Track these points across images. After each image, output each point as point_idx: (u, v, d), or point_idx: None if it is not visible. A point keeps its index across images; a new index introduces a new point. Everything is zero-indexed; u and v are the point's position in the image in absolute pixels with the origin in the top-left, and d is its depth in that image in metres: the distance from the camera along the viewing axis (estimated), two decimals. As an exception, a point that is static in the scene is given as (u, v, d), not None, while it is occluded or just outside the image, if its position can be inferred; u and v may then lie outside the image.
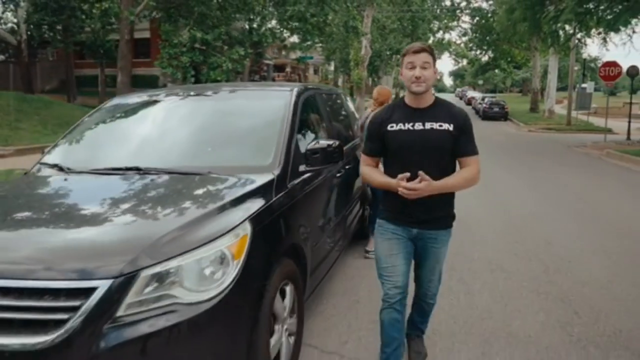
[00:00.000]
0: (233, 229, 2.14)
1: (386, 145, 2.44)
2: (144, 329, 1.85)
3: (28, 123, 13.17)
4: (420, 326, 2.87)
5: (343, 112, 4.96)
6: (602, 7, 16.33)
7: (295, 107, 3.22)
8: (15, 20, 26.12)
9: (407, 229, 2.48)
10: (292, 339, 2.67)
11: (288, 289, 2.58)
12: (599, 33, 20.05)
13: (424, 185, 2.26)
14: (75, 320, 1.81)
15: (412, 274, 2.62)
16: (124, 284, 1.87)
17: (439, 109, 2.41)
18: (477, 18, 39.61)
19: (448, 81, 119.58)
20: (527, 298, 3.74)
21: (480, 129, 22.02)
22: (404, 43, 39.27)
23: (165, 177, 2.65)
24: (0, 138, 11.34)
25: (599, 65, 23.56)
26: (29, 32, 25.19)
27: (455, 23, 43.04)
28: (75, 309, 1.82)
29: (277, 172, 2.72)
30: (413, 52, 2.34)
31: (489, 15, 36.32)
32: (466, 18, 41.54)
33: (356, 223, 4.64)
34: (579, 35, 21.80)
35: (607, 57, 24.22)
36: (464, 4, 39.87)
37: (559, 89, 37.03)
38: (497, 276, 4.21)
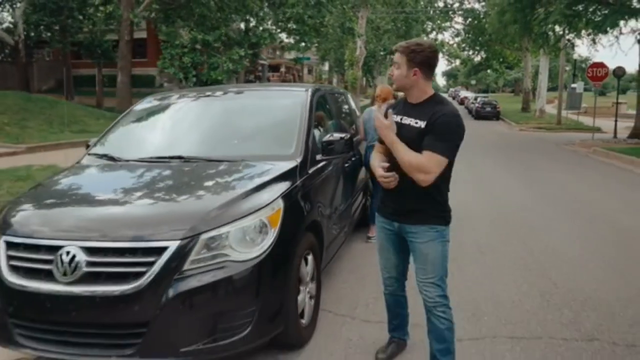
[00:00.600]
0: (270, 203, 2.63)
1: None
2: (204, 279, 2.34)
3: (34, 122, 13.56)
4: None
5: (346, 110, 5.45)
6: (590, 10, 16.94)
7: (310, 104, 3.72)
8: (12, 20, 26.37)
9: (390, 221, 2.51)
10: (312, 301, 3.15)
11: (309, 258, 3.07)
12: (589, 34, 20.69)
13: (385, 122, 2.35)
14: (151, 273, 2.29)
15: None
16: (187, 244, 2.35)
17: (427, 107, 2.35)
18: (470, 19, 40.26)
19: (441, 81, 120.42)
20: (513, 274, 4.24)
21: (473, 128, 22.62)
22: (397, 43, 39.78)
23: (207, 163, 3.13)
24: (11, 136, 11.72)
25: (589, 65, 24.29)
26: (26, 32, 25.47)
27: (448, 24, 43.70)
28: (150, 264, 2.31)
29: (299, 159, 3.20)
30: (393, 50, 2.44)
31: (481, 16, 36.91)
32: (459, 19, 42.23)
33: (360, 211, 5.13)
34: (569, 37, 22.43)
35: (597, 58, 24.87)
36: (456, 5, 40.57)
37: (550, 89, 37.79)
38: (487, 257, 4.71)
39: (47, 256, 2.36)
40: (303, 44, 18.70)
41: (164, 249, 2.33)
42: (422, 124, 2.31)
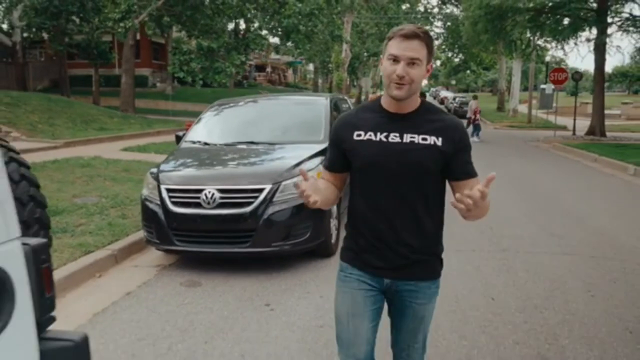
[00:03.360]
0: (316, 166, 4.50)
1: (350, 160, 1.80)
2: (283, 206, 4.21)
3: (60, 120, 15.14)
4: None
5: (347, 109, 7.36)
6: (549, 21, 19.17)
7: (329, 106, 5.61)
8: (10, 23, 27.51)
9: (376, 277, 1.81)
10: (336, 230, 5.02)
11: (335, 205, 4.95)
12: (551, 42, 22.96)
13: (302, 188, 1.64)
14: (256, 202, 4.16)
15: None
16: (274, 187, 4.22)
17: (425, 117, 1.75)
18: (449, 23, 42.56)
19: (423, 81, 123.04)
20: (474, 234, 6.13)
21: (451, 126, 24.72)
22: (380, 46, 41.93)
23: (269, 145, 5.00)
24: (47, 133, 13.34)
25: (563, 67, 26.55)
26: (24, 34, 26.77)
27: (428, 27, 45.98)
28: (255, 197, 4.17)
29: (326, 142, 5.08)
30: (401, 35, 1.63)
31: (459, 20, 39.23)
32: (438, 23, 44.53)
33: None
34: (539, 42, 24.62)
35: (570, 60, 27.13)
36: (436, 10, 42.85)
37: (526, 89, 40.23)
38: (453, 228, 6.65)
39: (195, 194, 4.20)
40: (298, 50, 20.52)
41: (262, 189, 4.19)
42: (434, 140, 1.69)
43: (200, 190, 4.21)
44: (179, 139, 5.60)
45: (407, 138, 1.70)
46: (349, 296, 1.82)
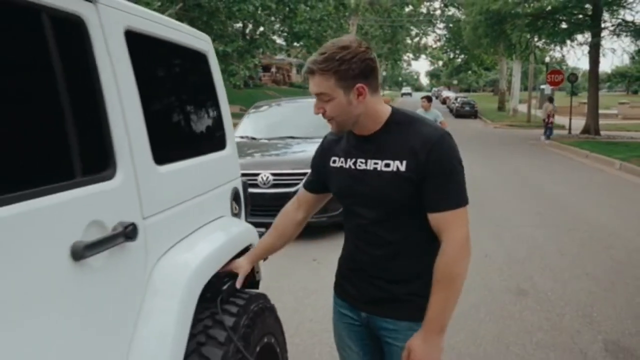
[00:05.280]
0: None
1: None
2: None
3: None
4: None
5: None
6: (547, 26, 20.29)
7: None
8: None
9: (354, 309, 1.59)
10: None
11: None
12: (549, 44, 24.07)
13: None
14: (302, 183, 5.32)
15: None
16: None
17: (391, 137, 1.43)
18: (451, 25, 43.69)
19: (425, 80, 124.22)
20: (472, 212, 7.30)
21: (452, 126, 25.79)
22: (384, 48, 43.18)
23: (305, 139, 6.15)
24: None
25: (564, 67, 27.70)
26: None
27: (431, 29, 47.17)
28: (299, 180, 5.32)
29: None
30: (307, 72, 1.40)
31: (460, 24, 40.37)
32: (441, 25, 45.65)
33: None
34: (539, 44, 25.69)
35: (570, 61, 28.17)
36: (438, 12, 43.99)
37: (525, 90, 41.32)
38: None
39: (254, 177, 5.35)
40: (309, 53, 21.67)
41: (305, 173, 5.34)
42: (398, 165, 1.40)
43: (257, 174, 5.36)
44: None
45: (370, 164, 1.44)
46: (337, 328, 1.68)
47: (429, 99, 8.54)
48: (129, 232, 1.30)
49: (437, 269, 1.40)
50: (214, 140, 2.13)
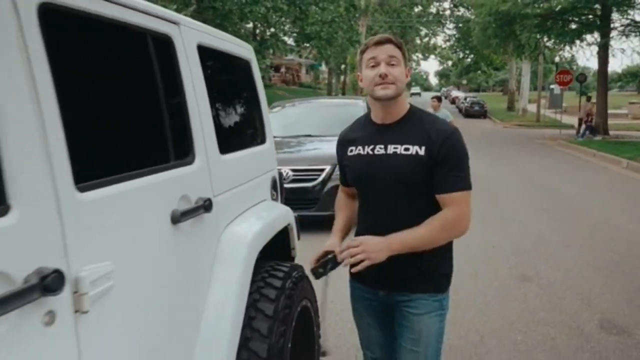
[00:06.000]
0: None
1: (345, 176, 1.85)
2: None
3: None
4: None
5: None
6: (556, 26, 20.46)
7: (366, 106, 7.10)
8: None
9: (370, 288, 1.80)
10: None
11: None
12: (560, 43, 24.25)
13: (359, 248, 1.57)
14: (319, 178, 5.67)
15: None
16: (332, 168, 5.72)
17: (411, 125, 1.67)
18: (460, 25, 43.82)
19: (434, 80, 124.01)
20: (482, 207, 7.61)
21: (462, 125, 25.97)
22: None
23: (322, 137, 6.50)
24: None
25: (574, 67, 27.80)
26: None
27: (440, 28, 47.33)
28: (318, 175, 5.69)
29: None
30: (375, 44, 1.64)
31: (470, 24, 40.50)
32: (450, 25, 45.79)
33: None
34: (548, 44, 25.85)
35: (580, 60, 28.19)
36: (448, 12, 44.15)
37: (535, 90, 41.39)
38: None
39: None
40: (320, 55, 22.04)
41: (324, 169, 5.70)
42: (417, 149, 1.62)
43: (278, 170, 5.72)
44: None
45: (390, 149, 1.64)
46: (356, 309, 1.90)
47: (439, 99, 8.82)
48: (207, 205, 1.66)
49: (434, 218, 1.61)
50: (257, 135, 2.49)
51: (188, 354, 1.59)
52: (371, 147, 1.68)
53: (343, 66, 41.12)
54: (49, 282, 0.93)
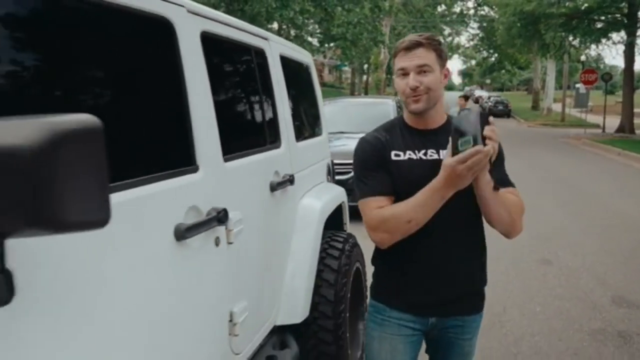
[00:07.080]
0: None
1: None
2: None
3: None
4: None
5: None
6: (582, 25, 20.53)
7: (395, 105, 7.57)
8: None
9: (421, 317, 1.62)
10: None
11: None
12: (586, 42, 24.23)
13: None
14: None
15: None
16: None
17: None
18: (484, 24, 43.75)
19: (457, 79, 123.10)
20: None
21: (485, 124, 26.26)
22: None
23: (353, 133, 6.98)
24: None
25: (600, 66, 27.55)
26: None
27: (463, 28, 47.29)
28: (348, 170, 6.16)
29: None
30: (404, 48, 1.51)
31: (494, 24, 40.44)
32: (474, 25, 45.74)
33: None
34: (575, 43, 25.81)
35: (607, 59, 27.94)
36: (472, 12, 44.11)
37: (560, 89, 41.12)
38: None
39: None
40: (344, 55, 22.53)
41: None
42: None
43: (315, 163, 6.24)
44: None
45: (442, 154, 1.50)
46: (387, 344, 1.63)
47: (466, 98, 9.24)
48: (291, 179, 2.17)
49: (509, 198, 1.56)
50: (316, 128, 3.00)
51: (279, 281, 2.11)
52: (422, 151, 1.56)
53: (366, 66, 41.57)
54: (221, 216, 1.44)
